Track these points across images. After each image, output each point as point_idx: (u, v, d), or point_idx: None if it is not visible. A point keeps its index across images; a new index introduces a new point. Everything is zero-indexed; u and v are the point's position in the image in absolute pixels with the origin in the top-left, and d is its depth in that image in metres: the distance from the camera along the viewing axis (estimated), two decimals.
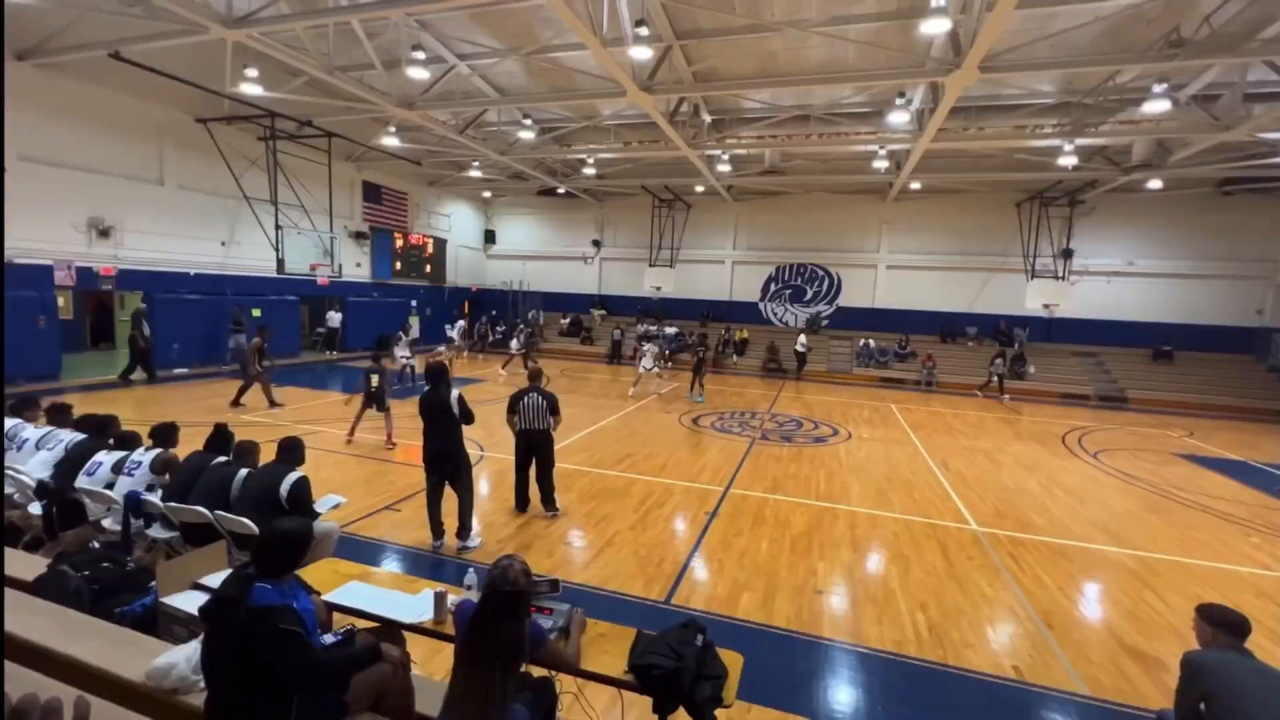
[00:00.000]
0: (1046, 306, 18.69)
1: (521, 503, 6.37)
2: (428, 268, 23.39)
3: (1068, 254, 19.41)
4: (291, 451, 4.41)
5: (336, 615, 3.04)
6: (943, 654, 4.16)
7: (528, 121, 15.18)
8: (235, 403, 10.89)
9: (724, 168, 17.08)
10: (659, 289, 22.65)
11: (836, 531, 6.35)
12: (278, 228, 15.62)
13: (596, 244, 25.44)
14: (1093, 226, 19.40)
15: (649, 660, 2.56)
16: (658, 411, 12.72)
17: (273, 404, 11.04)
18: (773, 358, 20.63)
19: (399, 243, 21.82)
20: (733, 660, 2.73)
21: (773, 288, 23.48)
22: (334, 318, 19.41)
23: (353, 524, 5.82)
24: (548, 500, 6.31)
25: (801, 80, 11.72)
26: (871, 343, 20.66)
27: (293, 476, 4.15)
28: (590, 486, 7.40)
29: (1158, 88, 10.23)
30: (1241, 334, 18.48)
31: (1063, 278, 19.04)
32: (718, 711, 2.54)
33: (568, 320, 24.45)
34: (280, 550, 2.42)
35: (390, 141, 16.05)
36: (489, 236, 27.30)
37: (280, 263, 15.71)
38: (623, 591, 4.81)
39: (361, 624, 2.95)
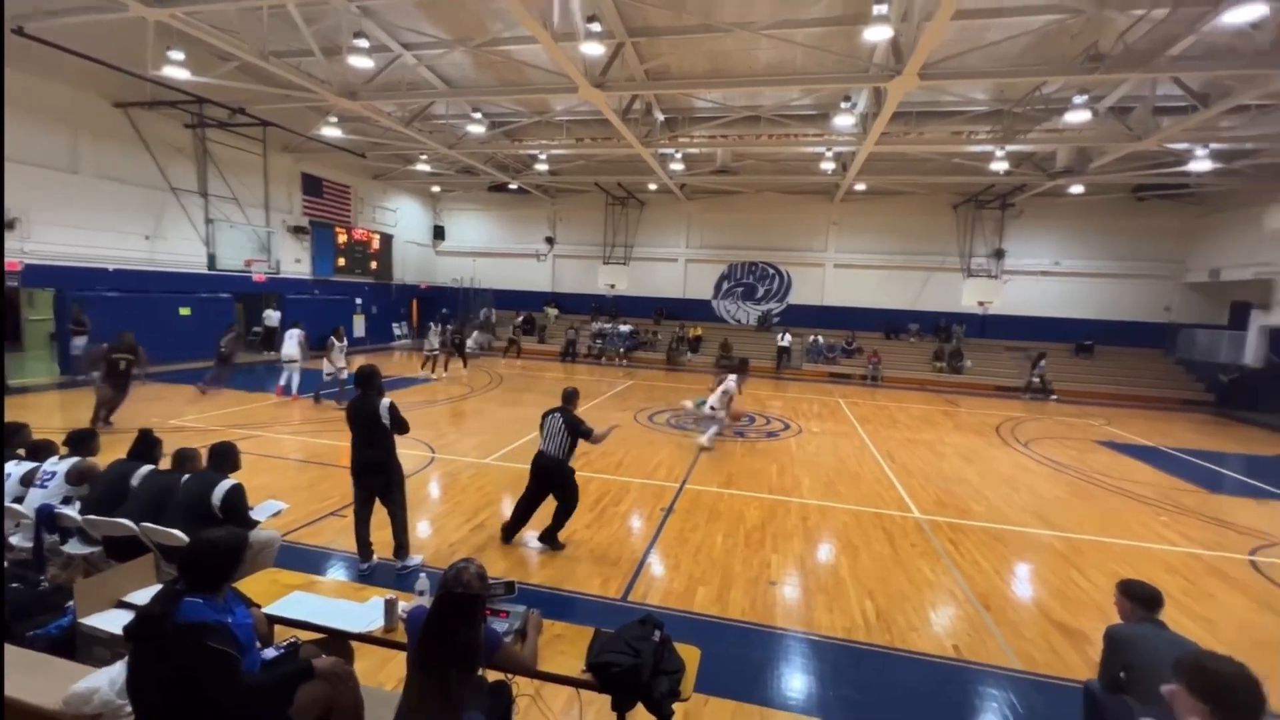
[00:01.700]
0: (981, 304, 19.69)
1: (507, 533, 5.55)
2: (373, 264, 22.59)
3: (1000, 254, 20.54)
4: (224, 458, 4.13)
5: (280, 628, 2.90)
6: (889, 638, 4.33)
7: (477, 115, 14.86)
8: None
9: (677, 166, 17.21)
10: (613, 286, 22.64)
11: (789, 523, 6.51)
12: (208, 221, 14.78)
13: (549, 241, 25.18)
14: (1022, 228, 20.56)
15: (607, 658, 2.56)
16: (614, 410, 12.72)
17: (107, 421, 9.03)
18: (726, 355, 20.94)
19: (342, 238, 20.97)
20: (690, 654, 2.76)
21: (725, 285, 23.83)
22: (272, 316, 18.49)
23: (295, 531, 5.57)
24: (549, 535, 5.47)
25: (751, 81, 11.93)
26: (820, 339, 21.28)
27: (225, 485, 3.89)
28: None
29: (1079, 99, 10.94)
30: (1153, 329, 19.97)
31: (995, 277, 20.14)
32: (676, 705, 2.56)
33: (521, 318, 24.13)
34: (210, 562, 2.29)
35: (331, 132, 15.39)
36: (438, 232, 26.60)
37: (212, 258, 14.87)
38: (580, 590, 4.79)
39: (306, 636, 2.83)
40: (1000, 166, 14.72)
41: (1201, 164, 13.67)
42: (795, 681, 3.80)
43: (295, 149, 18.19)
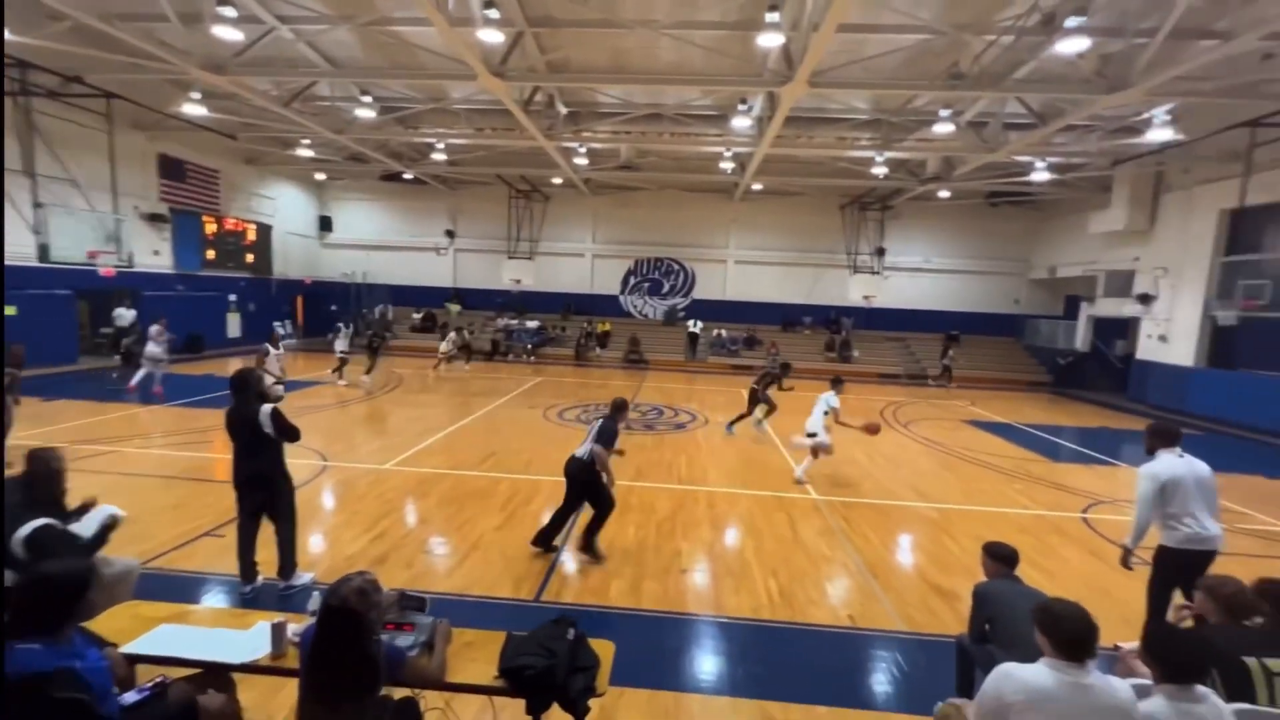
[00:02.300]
0: (865, 298, 21.39)
1: (543, 540, 5.35)
2: (249, 257, 20.53)
3: (881, 252, 22.38)
4: (35, 487, 3.12)
5: (144, 668, 2.58)
6: (791, 613, 4.60)
7: (367, 99, 13.90)
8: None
9: (581, 160, 17.12)
10: (518, 282, 22.16)
11: (698, 512, 6.72)
12: (37, 206, 12.74)
13: (450, 234, 24.15)
14: (900, 229, 22.50)
15: (521, 662, 2.51)
16: (521, 407, 12.47)
17: None
18: (634, 349, 21.19)
19: (211, 228, 18.86)
20: (604, 649, 2.77)
21: (632, 281, 24.08)
22: (125, 315, 16.25)
23: (161, 557, 4.97)
24: (588, 544, 5.30)
25: (653, 79, 12.10)
26: (724, 333, 22.10)
27: (27, 530, 2.89)
28: (451, 490, 7.05)
29: (944, 112, 12.12)
30: (1007, 320, 22.67)
31: (878, 273, 21.93)
32: (592, 701, 2.57)
33: (420, 315, 22.98)
34: (48, 601, 1.98)
35: (194, 110, 13.74)
36: (324, 223, 24.64)
37: (44, 249, 12.85)
38: (491, 595, 4.66)
39: (177, 673, 2.54)
40: (880, 171, 16.03)
41: (1041, 175, 15.69)
42: (707, 664, 3.94)
43: (150, 127, 16.08)
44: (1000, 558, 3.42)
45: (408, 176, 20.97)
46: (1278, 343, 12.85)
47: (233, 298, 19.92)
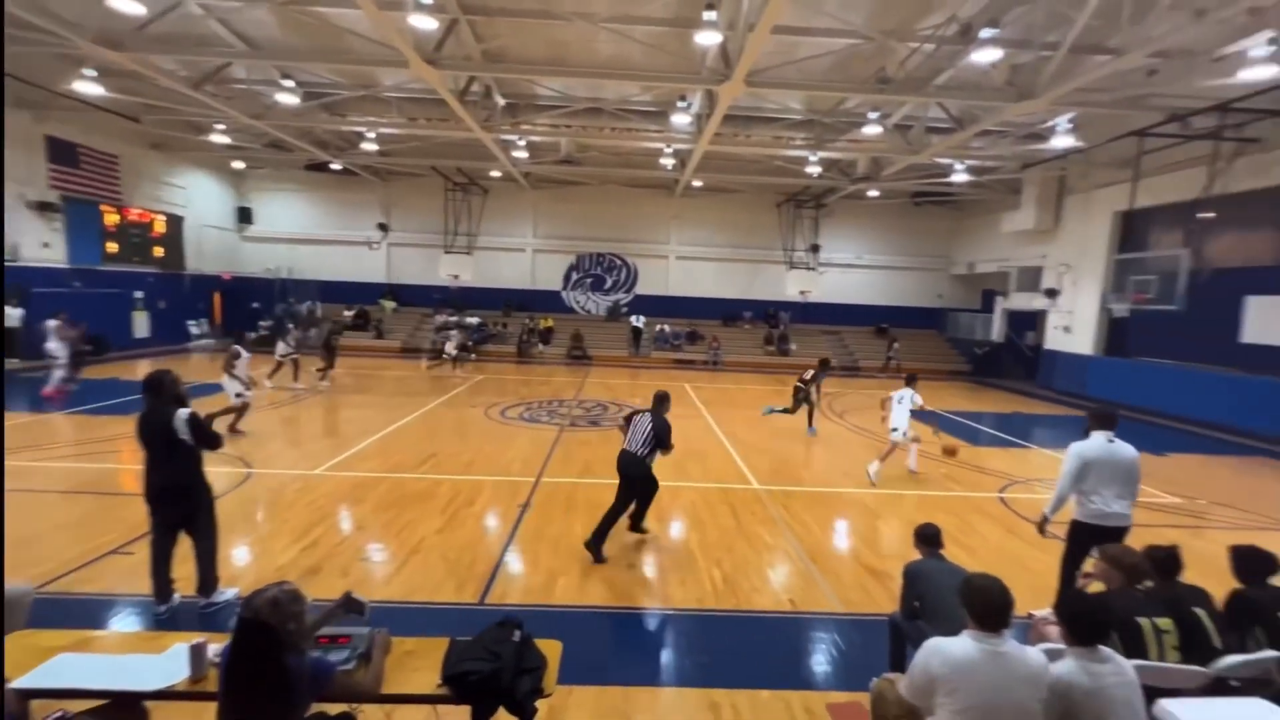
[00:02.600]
0: (801, 293, 22.12)
1: (596, 544, 5.27)
2: (157, 250, 18.93)
3: (815, 249, 23.18)
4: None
5: (40, 703, 2.35)
6: (736, 601, 4.71)
7: (289, 83, 13.10)
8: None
9: (520, 154, 16.80)
10: (456, 277, 21.54)
11: None
12: None
13: (383, 227, 23.15)
14: (833, 226, 23.37)
15: (465, 667, 2.45)
16: (462, 406, 12.15)
17: None
18: (577, 345, 21.05)
19: (111, 219, 17.26)
20: (551, 648, 2.75)
21: (574, 276, 23.89)
22: (12, 315, 14.66)
23: (60, 579, 4.54)
24: (636, 524, 5.73)
25: (591, 73, 12.00)
26: (667, 328, 22.30)
27: None
28: (388, 494, 6.79)
29: (872, 115, 12.66)
30: (931, 313, 24.01)
31: (813, 269, 22.70)
32: (540, 701, 2.54)
33: (352, 313, 21.94)
34: None
35: (88, 88, 12.51)
36: (244, 215, 23.07)
37: None
38: (433, 600, 4.53)
39: (79, 706, 2.33)
40: (814, 170, 16.58)
41: (960, 176, 16.67)
42: (654, 656, 3.98)
43: (36, 105, 14.53)
44: (926, 539, 3.64)
45: (336, 166, 19.93)
46: (1163, 333, 14.23)
47: (139, 294, 18.35)
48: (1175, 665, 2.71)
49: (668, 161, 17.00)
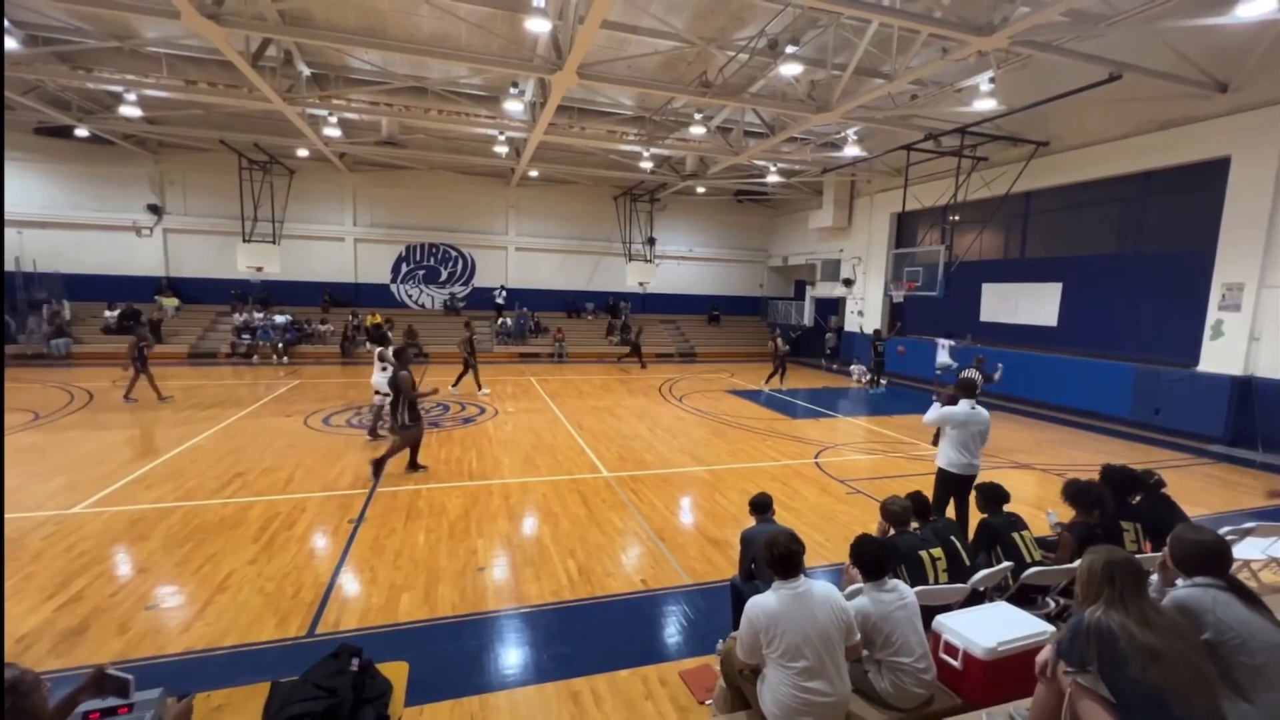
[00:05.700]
0: (641, 284, 22.92)
1: None
2: None
3: (651, 241, 24.15)
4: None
5: None
6: (591, 589, 4.79)
7: (4, 23, 10.28)
8: None
9: (333, 131, 15.06)
10: (260, 270, 18.77)
11: (492, 506, 6.56)
12: None
13: (155, 210, 19.31)
14: (667, 219, 24.53)
15: (294, 711, 2.18)
16: (275, 416, 10.69)
17: None
18: (412, 341, 19.55)
19: None
20: (396, 671, 2.57)
21: (404, 268, 22.19)
22: None
23: None
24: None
25: (411, 49, 11.12)
26: (508, 321, 21.70)
27: None
28: (182, 525, 5.76)
29: (697, 115, 13.49)
30: (754, 301, 26.45)
31: (650, 260, 23.64)
32: None
33: (116, 312, 18.06)
34: None
35: None
36: None
37: None
38: (248, 642, 3.95)
39: None
40: (647, 165, 17.21)
41: (773, 177, 18.48)
42: (511, 657, 3.89)
43: None
44: (759, 506, 4.04)
45: (82, 133, 16.15)
46: (928, 315, 17.24)
47: None
48: (944, 585, 3.35)
49: (501, 149, 16.45)
